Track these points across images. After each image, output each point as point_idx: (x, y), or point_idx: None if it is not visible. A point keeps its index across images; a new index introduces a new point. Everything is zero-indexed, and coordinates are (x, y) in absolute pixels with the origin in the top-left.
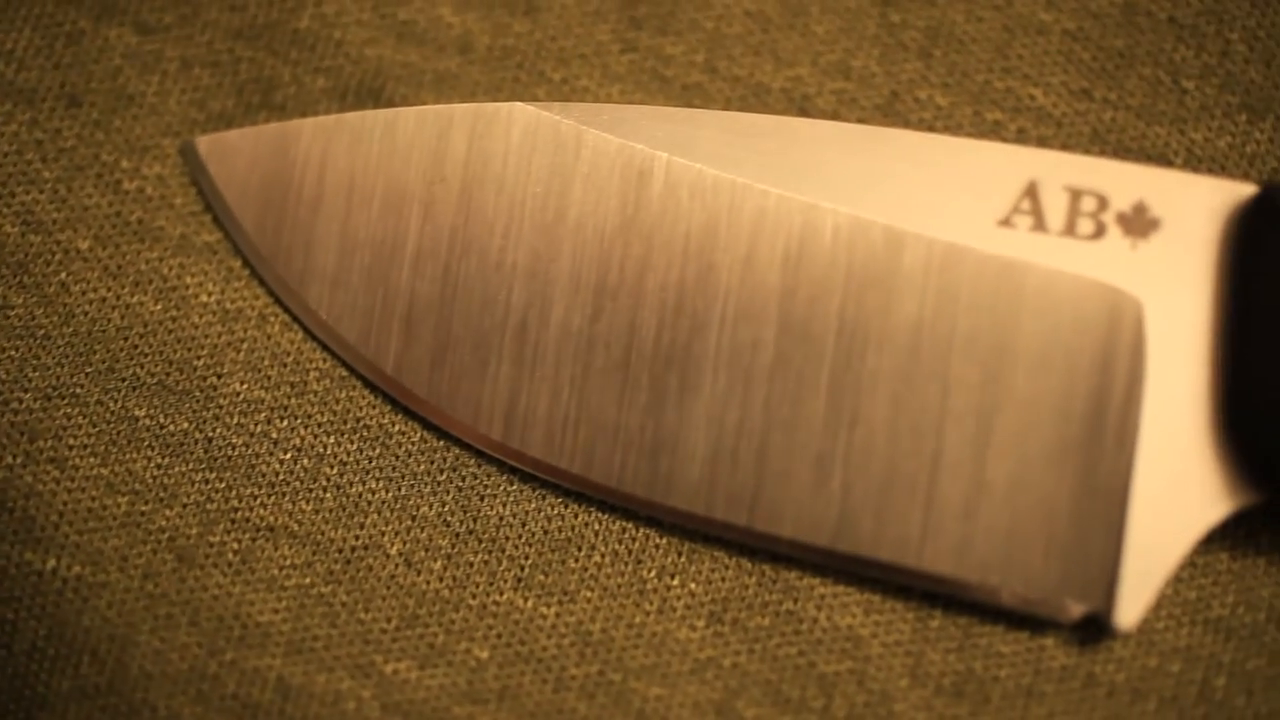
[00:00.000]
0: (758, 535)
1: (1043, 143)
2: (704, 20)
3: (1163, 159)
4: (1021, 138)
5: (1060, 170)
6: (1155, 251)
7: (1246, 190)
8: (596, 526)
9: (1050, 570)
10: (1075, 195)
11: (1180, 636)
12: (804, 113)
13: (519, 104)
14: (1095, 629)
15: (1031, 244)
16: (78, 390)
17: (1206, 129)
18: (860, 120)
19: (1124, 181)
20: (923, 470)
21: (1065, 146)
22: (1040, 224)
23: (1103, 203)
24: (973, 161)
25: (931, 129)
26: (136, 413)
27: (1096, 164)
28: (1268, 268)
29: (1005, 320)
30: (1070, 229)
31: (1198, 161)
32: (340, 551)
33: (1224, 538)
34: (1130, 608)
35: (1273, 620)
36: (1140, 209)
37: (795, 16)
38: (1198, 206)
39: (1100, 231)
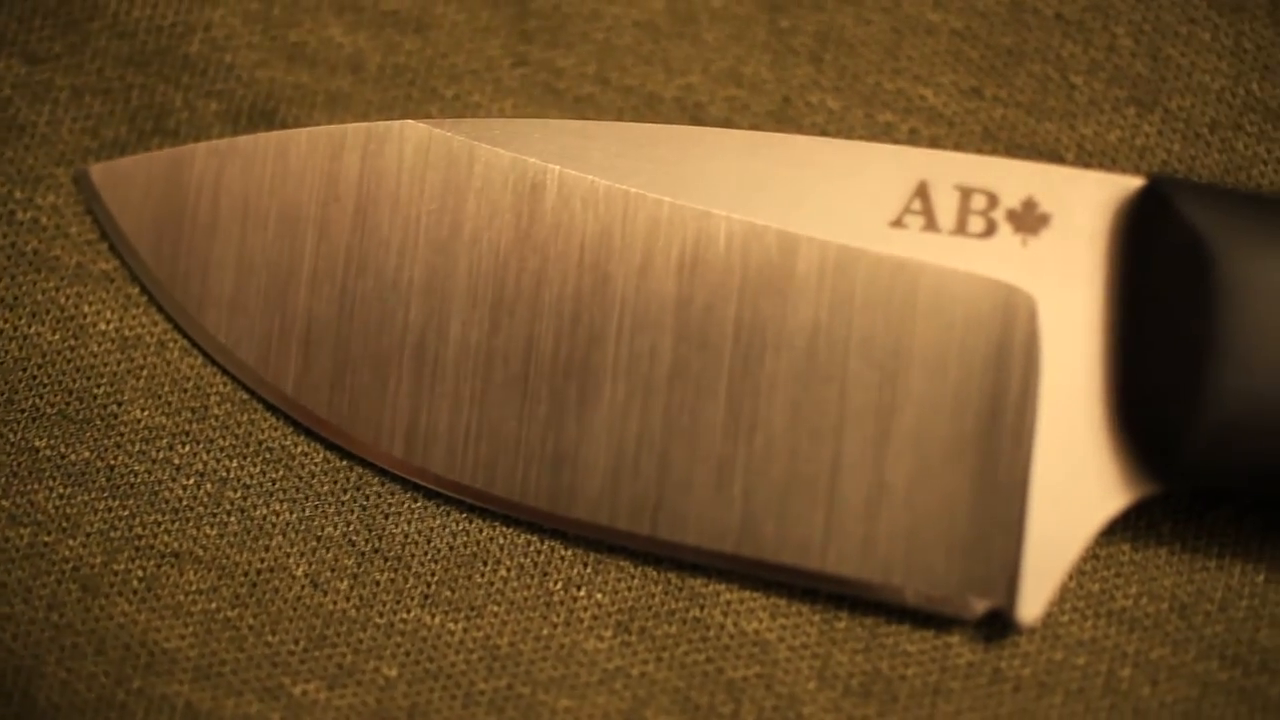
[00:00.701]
0: (662, 544)
1: (935, 142)
2: (594, 32)
3: (1054, 154)
4: (914, 138)
5: (950, 169)
6: (1046, 247)
7: (1134, 183)
8: (501, 541)
9: (952, 568)
10: (965, 194)
11: (1085, 629)
12: (697, 121)
13: (410, 122)
14: (1000, 625)
15: (924, 244)
16: None
17: (1096, 123)
18: (753, 126)
19: (1013, 179)
20: (823, 473)
21: (957, 145)
22: (932, 224)
23: (993, 200)
24: (864, 164)
25: (824, 132)
26: (37, 443)
27: (986, 162)
28: (1156, 259)
29: (900, 321)
30: (961, 227)
31: (1089, 156)
32: (246, 575)
33: (1125, 529)
34: (1032, 602)
35: (1175, 610)
36: (1030, 205)
37: (685, 25)
38: (1086, 201)
39: (991, 229)
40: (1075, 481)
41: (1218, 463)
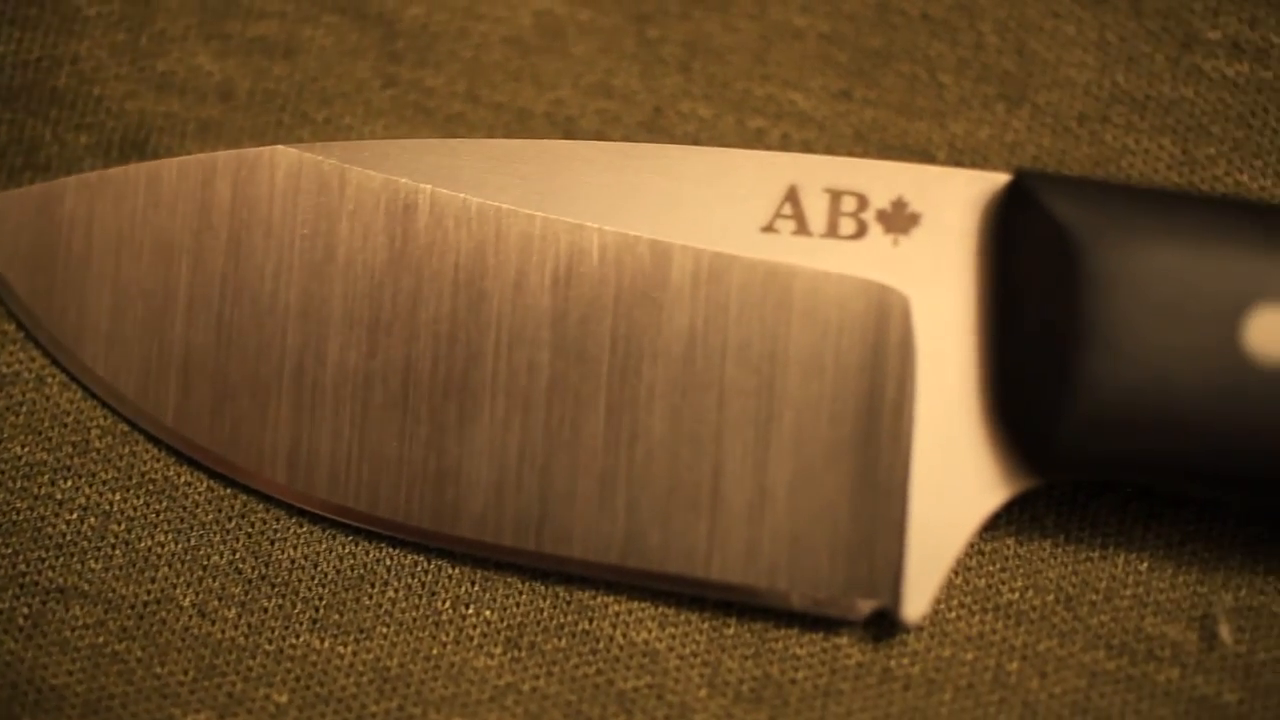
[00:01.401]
0: (548, 558)
1: (807, 146)
2: (462, 50)
3: (925, 153)
4: (785, 143)
5: (819, 173)
6: (917, 246)
7: (1000, 179)
8: (388, 562)
9: (837, 570)
10: (835, 196)
11: (972, 625)
12: (569, 134)
13: (280, 147)
14: (888, 624)
15: (796, 248)
16: None
17: (966, 121)
18: (625, 138)
19: (882, 179)
20: (705, 480)
21: (829, 148)
22: (803, 227)
23: (863, 202)
24: (734, 170)
25: (696, 141)
26: None
27: (855, 164)
28: (1024, 253)
29: (776, 325)
30: (832, 230)
31: (960, 154)
32: (132, 607)
33: (1010, 523)
34: (917, 601)
35: (1061, 601)
36: (900, 205)
37: (553, 40)
38: (955, 199)
39: (862, 230)
40: (954, 478)
41: (1093, 453)
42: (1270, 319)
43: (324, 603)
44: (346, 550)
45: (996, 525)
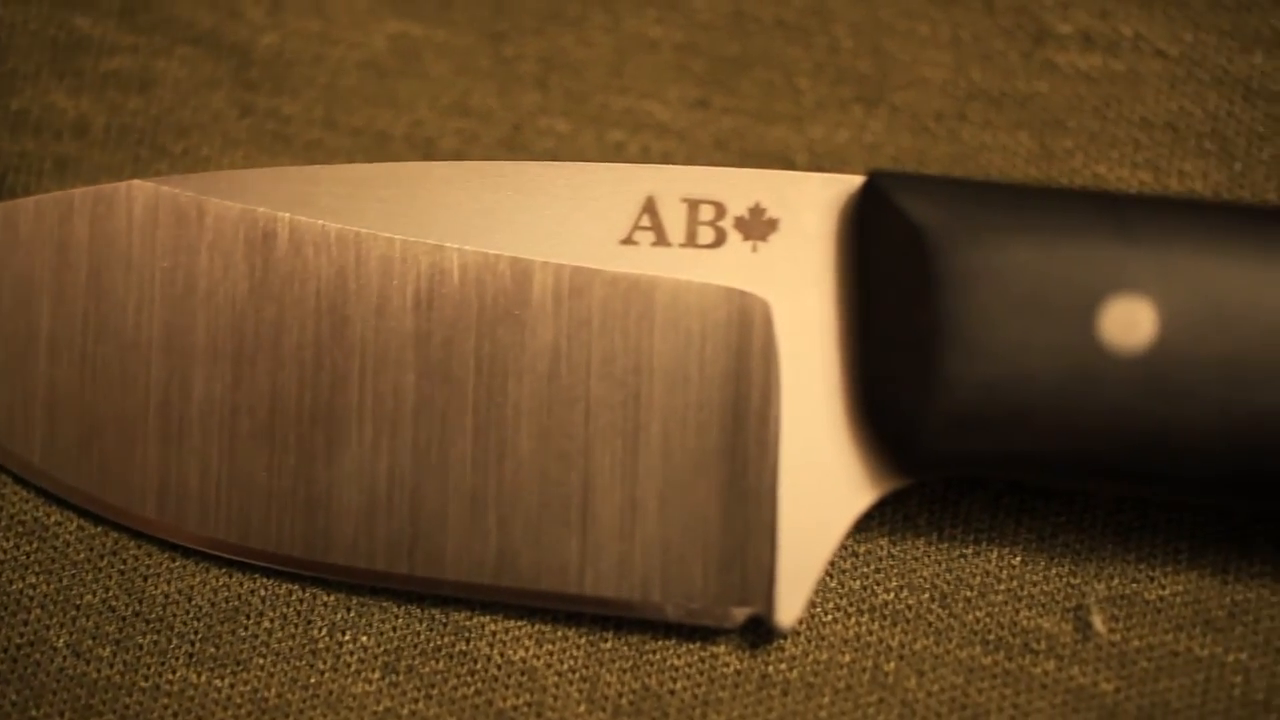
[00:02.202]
0: (421, 580)
1: (666, 157)
2: (318, 76)
3: (785, 159)
4: (645, 154)
5: (676, 183)
6: (776, 252)
7: (856, 181)
8: (263, 592)
9: (710, 579)
10: (693, 206)
11: (849, 627)
12: (428, 156)
13: (137, 181)
14: (764, 630)
15: (656, 259)
16: None
17: (824, 124)
18: (485, 156)
19: (739, 187)
20: (575, 496)
21: (689, 158)
22: (662, 238)
23: (720, 210)
24: (592, 184)
25: (556, 156)
26: None
27: (712, 173)
28: (880, 253)
29: (639, 338)
30: (691, 239)
31: (819, 157)
32: (5, 651)
33: (883, 524)
34: (789, 606)
35: (936, 599)
36: (757, 212)
37: (409, 62)
38: (811, 203)
39: (721, 239)
40: (822, 482)
41: (956, 450)
42: (1125, 308)
43: (199, 636)
44: (220, 583)
45: (869, 526)
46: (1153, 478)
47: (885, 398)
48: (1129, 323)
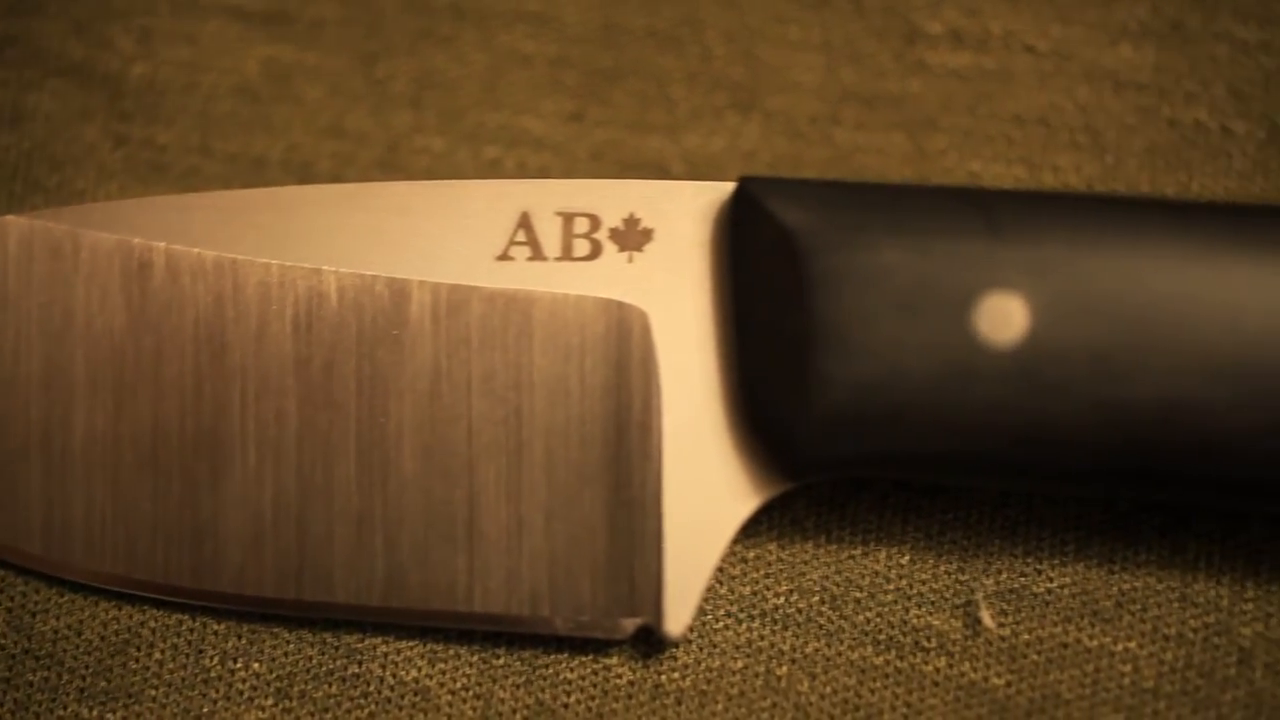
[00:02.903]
0: (311, 605)
1: (543, 171)
2: (192, 103)
3: (661, 168)
4: (522, 170)
5: (551, 197)
6: (651, 261)
7: (728, 188)
8: (153, 624)
9: (598, 591)
10: (568, 219)
11: (740, 633)
12: (305, 179)
13: (9, 217)
14: (656, 640)
15: (532, 273)
16: None
17: (699, 132)
18: (362, 177)
19: (613, 198)
20: (460, 514)
21: (566, 171)
22: (538, 253)
23: (595, 222)
24: (466, 201)
25: (432, 175)
26: None
27: (586, 185)
28: (754, 259)
29: (518, 353)
30: (567, 252)
31: (695, 166)
32: None
33: (771, 528)
34: (678, 615)
35: (826, 602)
36: (632, 222)
37: (283, 86)
38: (685, 211)
39: (596, 251)
40: (706, 490)
41: (836, 452)
42: (997, 304)
43: (90, 671)
44: (109, 615)
45: (758, 531)
46: (1031, 471)
47: (763, 403)
48: (1001, 319)
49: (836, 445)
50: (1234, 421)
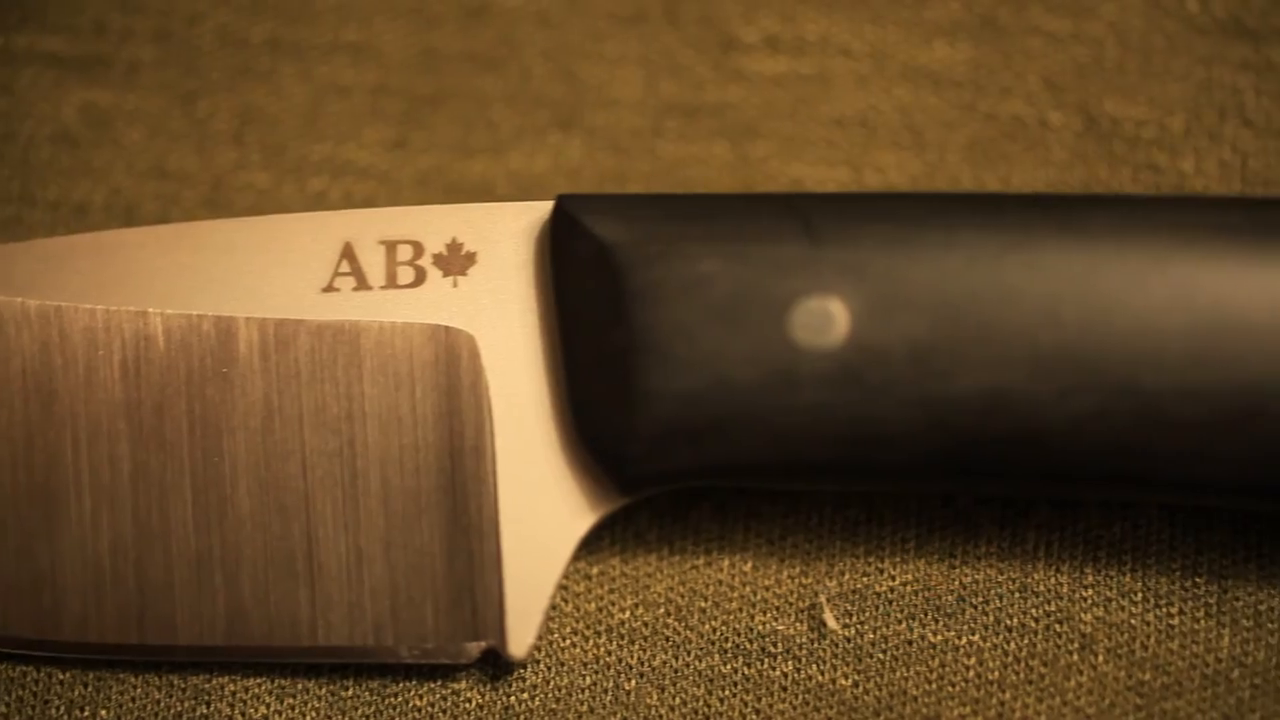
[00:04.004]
0: (154, 649)
1: (369, 200)
2: (10, 152)
3: (487, 191)
4: (349, 200)
5: (373, 226)
6: (476, 285)
7: (548, 207)
8: None
9: (441, 618)
10: (391, 247)
11: (587, 649)
12: (130, 222)
13: None
14: (504, 662)
15: (358, 304)
16: None
17: (523, 153)
18: (187, 217)
19: (436, 223)
20: (299, 548)
21: (392, 199)
22: (363, 282)
23: (418, 249)
24: (289, 235)
25: (258, 211)
26: None
27: (407, 212)
28: (575, 277)
29: (349, 384)
30: (392, 281)
31: (522, 187)
32: None
33: (614, 544)
34: (521, 636)
35: (671, 613)
36: (455, 247)
37: (102, 130)
38: (507, 233)
39: (421, 277)
40: (542, 509)
41: (666, 464)
42: (817, 309)
43: None
44: None
45: (600, 547)
46: (861, 472)
47: (592, 419)
48: (821, 322)
49: (665, 458)
50: (1058, 411)
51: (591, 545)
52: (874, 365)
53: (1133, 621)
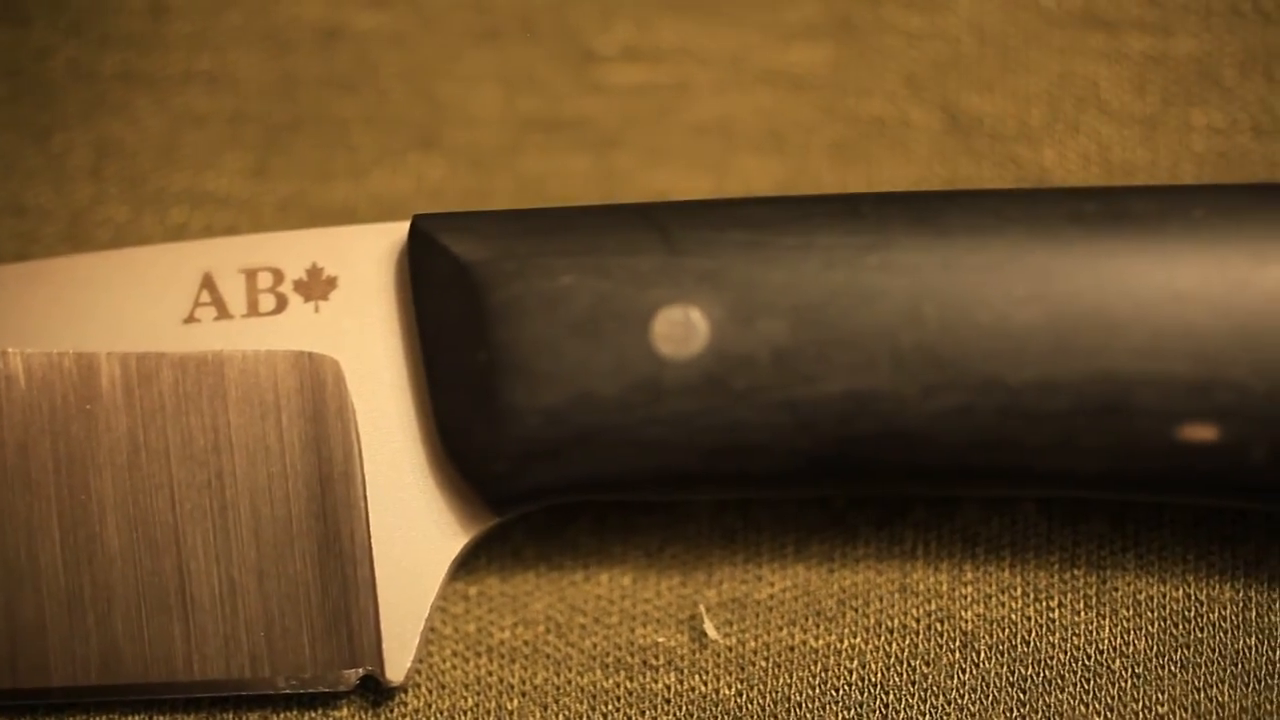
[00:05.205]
0: (28, 693)
1: (231, 229)
2: None
3: (350, 215)
4: (210, 230)
5: (232, 254)
6: (338, 310)
7: (405, 228)
8: None
9: (317, 646)
10: (251, 275)
11: (468, 671)
12: None
13: None
14: (383, 688)
15: (220, 334)
16: None
17: (384, 175)
18: (47, 254)
19: (296, 249)
20: (171, 583)
21: (254, 227)
22: (224, 312)
23: (279, 276)
24: (148, 267)
25: (118, 244)
26: None
27: (267, 239)
28: (434, 295)
29: (214, 415)
30: (254, 309)
31: (384, 209)
32: None
33: (491, 563)
34: (398, 660)
35: (551, 630)
36: (315, 272)
37: None
38: (367, 255)
39: (282, 304)
40: (414, 533)
41: (536, 480)
42: (677, 318)
43: None
44: None
45: (478, 567)
46: (731, 479)
47: (458, 439)
48: (682, 332)
49: (533, 474)
50: (922, 409)
51: (469, 565)
52: (737, 372)
53: (1013, 617)
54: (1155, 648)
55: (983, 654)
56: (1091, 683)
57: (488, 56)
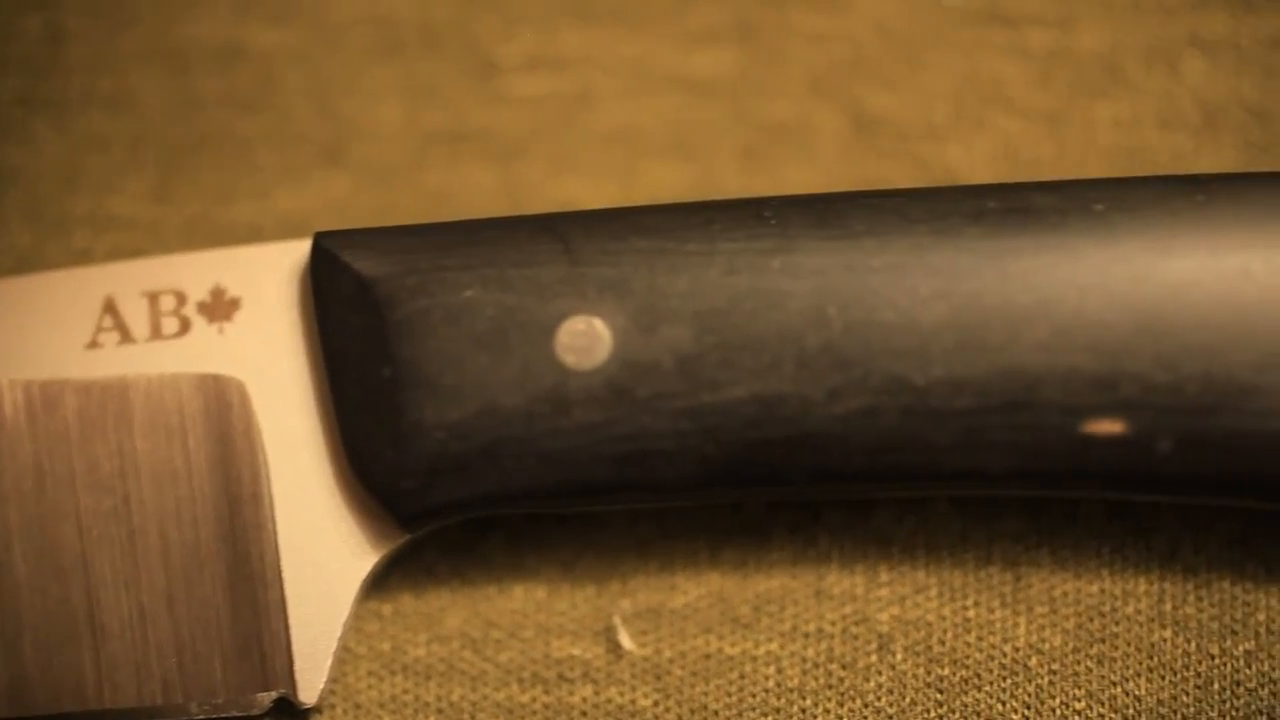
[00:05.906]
0: None
1: (137, 253)
2: None
3: (256, 235)
4: (115, 254)
5: (134, 278)
6: (242, 330)
7: (308, 246)
8: None
9: (229, 670)
10: (153, 298)
11: (383, 690)
12: None
13: None
14: (298, 710)
15: (124, 358)
16: None
17: (289, 193)
18: None
19: (197, 271)
20: (80, 611)
21: (160, 249)
22: (127, 336)
23: (181, 298)
24: (48, 293)
25: (22, 271)
26: None
27: (169, 261)
28: (337, 313)
29: (120, 440)
30: (157, 332)
31: (290, 227)
32: None
33: (404, 580)
34: (311, 681)
35: (466, 646)
36: (218, 293)
37: None
38: (270, 275)
39: (186, 327)
40: (324, 553)
41: (440, 497)
42: (579, 328)
43: None
44: None
45: (391, 585)
46: (640, 488)
47: (365, 456)
48: (586, 342)
49: (440, 490)
50: (828, 412)
51: (381, 583)
52: (642, 380)
53: (929, 617)
54: (1071, 644)
55: (900, 655)
56: (1009, 680)
57: (390, 71)
